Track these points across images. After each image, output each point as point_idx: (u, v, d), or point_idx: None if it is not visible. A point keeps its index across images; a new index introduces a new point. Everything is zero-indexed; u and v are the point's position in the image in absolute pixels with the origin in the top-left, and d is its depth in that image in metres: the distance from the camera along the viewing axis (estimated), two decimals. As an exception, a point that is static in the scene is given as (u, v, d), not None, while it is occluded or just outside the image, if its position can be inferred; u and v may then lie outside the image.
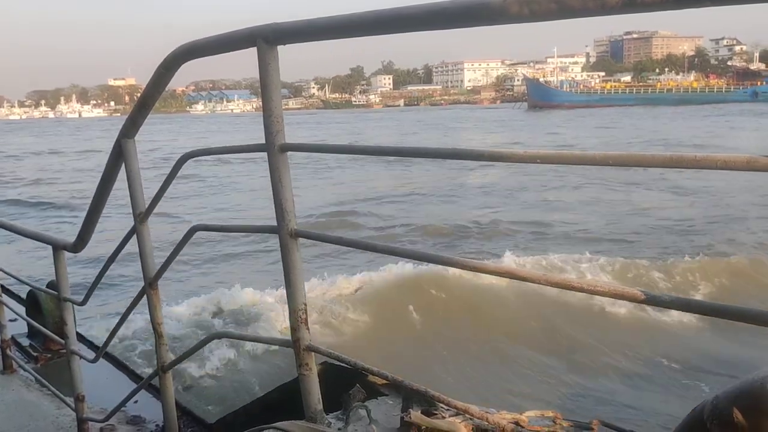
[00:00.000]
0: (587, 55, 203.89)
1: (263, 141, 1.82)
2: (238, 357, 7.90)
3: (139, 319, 8.03)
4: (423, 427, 1.91)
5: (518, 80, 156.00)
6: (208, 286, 11.29)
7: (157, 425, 3.25)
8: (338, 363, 2.25)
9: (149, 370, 3.23)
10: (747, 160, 1.06)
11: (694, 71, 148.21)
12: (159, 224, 15.35)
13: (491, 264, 1.52)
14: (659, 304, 1.24)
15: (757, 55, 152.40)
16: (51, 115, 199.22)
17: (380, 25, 1.49)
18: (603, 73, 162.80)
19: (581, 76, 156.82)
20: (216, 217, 19.05)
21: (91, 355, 3.24)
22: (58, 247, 3.02)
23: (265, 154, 1.82)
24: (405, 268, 10.60)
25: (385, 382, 2.31)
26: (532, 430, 1.75)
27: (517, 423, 1.78)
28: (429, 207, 19.56)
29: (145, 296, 2.52)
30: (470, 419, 1.85)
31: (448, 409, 1.95)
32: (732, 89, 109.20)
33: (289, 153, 1.84)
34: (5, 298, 4.63)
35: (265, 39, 1.73)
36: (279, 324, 8.92)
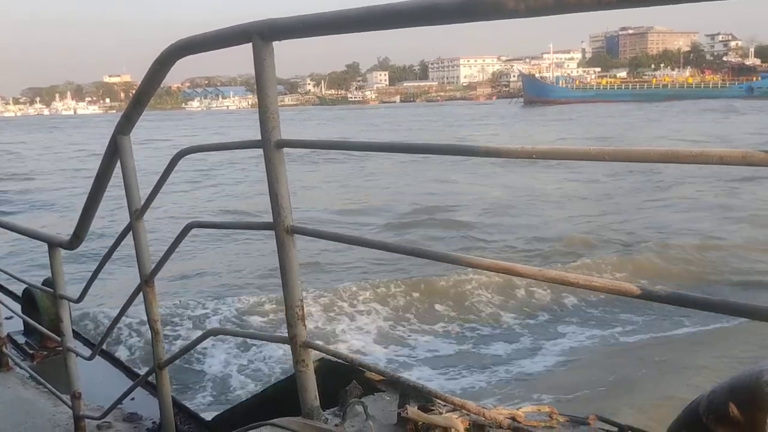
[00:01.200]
0: (583, 51, 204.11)
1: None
2: (235, 354, 7.91)
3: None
4: (420, 423, 1.91)
5: (514, 76, 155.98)
6: (206, 282, 11.29)
7: (153, 422, 3.25)
8: (335, 359, 2.25)
9: (146, 368, 3.23)
10: (743, 155, 1.06)
11: (689, 67, 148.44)
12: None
13: (488, 260, 1.52)
14: (655, 299, 1.24)
15: (752, 50, 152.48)
16: (46, 112, 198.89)
17: (375, 21, 1.49)
18: (599, 69, 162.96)
19: (577, 71, 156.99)
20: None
21: (87, 352, 3.24)
22: (53, 245, 3.01)
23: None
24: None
25: (382, 378, 2.31)
26: (529, 425, 1.76)
27: (513, 418, 1.78)
28: (515, 213, 17.38)
29: (141, 293, 2.52)
30: (467, 415, 1.85)
31: (444, 405, 1.95)
32: (727, 85, 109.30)
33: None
34: (0, 295, 4.63)
35: (261, 35, 1.73)
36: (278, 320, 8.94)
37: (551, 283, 1.40)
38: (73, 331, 3.40)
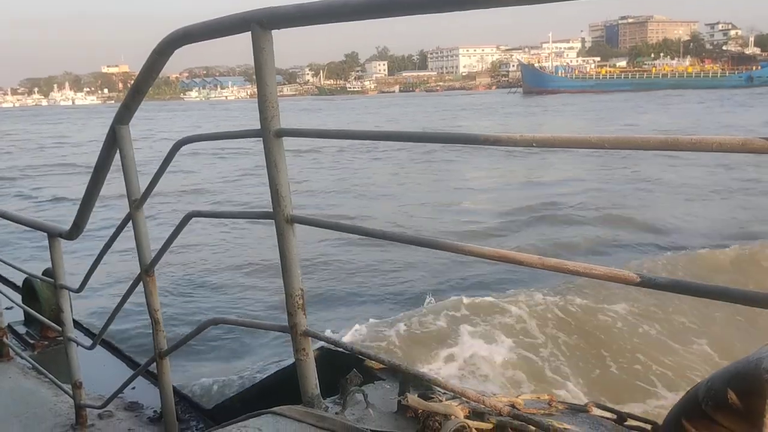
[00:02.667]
0: (582, 41, 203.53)
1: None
2: (235, 343, 7.93)
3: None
4: (420, 411, 1.92)
5: (513, 66, 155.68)
6: (206, 271, 11.30)
7: (154, 411, 3.27)
8: (335, 348, 2.26)
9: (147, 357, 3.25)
10: (742, 142, 1.06)
11: (689, 56, 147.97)
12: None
13: (488, 248, 1.53)
14: (654, 286, 1.24)
15: (752, 39, 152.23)
16: (44, 102, 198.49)
17: (375, 9, 1.48)
18: (598, 58, 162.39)
19: (576, 61, 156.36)
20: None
21: (87, 342, 3.25)
22: (53, 235, 3.02)
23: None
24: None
25: (382, 366, 2.32)
26: (528, 413, 1.76)
27: (513, 406, 1.78)
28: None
29: (141, 283, 2.52)
30: (467, 402, 1.86)
31: (444, 393, 1.96)
32: (727, 74, 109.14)
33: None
34: (1, 285, 4.63)
35: (260, 23, 1.72)
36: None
37: (552, 271, 1.40)
38: (74, 320, 3.41)
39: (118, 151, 2.43)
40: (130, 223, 2.47)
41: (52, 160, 30.99)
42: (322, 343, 2.26)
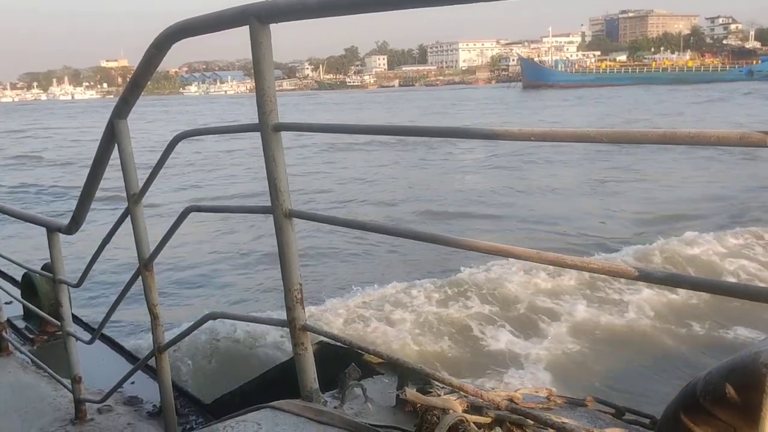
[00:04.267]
0: (582, 35, 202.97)
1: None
2: (234, 337, 7.93)
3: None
4: (418, 405, 1.92)
5: (513, 60, 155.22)
6: (207, 266, 11.30)
7: (154, 406, 3.27)
8: (334, 342, 2.26)
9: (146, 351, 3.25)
10: (740, 136, 1.06)
11: (689, 50, 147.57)
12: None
13: (486, 242, 1.52)
14: (652, 280, 1.24)
15: (752, 33, 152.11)
16: (43, 97, 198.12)
17: (373, 3, 1.48)
18: (598, 53, 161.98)
19: (576, 55, 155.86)
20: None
21: (87, 336, 3.25)
22: (52, 230, 3.01)
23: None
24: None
25: (380, 360, 2.32)
26: (527, 407, 1.76)
27: (511, 400, 1.79)
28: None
29: (140, 278, 2.52)
30: (465, 396, 1.86)
31: (443, 387, 1.96)
32: (727, 68, 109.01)
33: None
34: (0, 280, 4.63)
35: (258, 17, 1.72)
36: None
37: (549, 265, 1.40)
38: (73, 315, 3.41)
39: (116, 145, 2.43)
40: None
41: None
42: (321, 338, 2.26)
